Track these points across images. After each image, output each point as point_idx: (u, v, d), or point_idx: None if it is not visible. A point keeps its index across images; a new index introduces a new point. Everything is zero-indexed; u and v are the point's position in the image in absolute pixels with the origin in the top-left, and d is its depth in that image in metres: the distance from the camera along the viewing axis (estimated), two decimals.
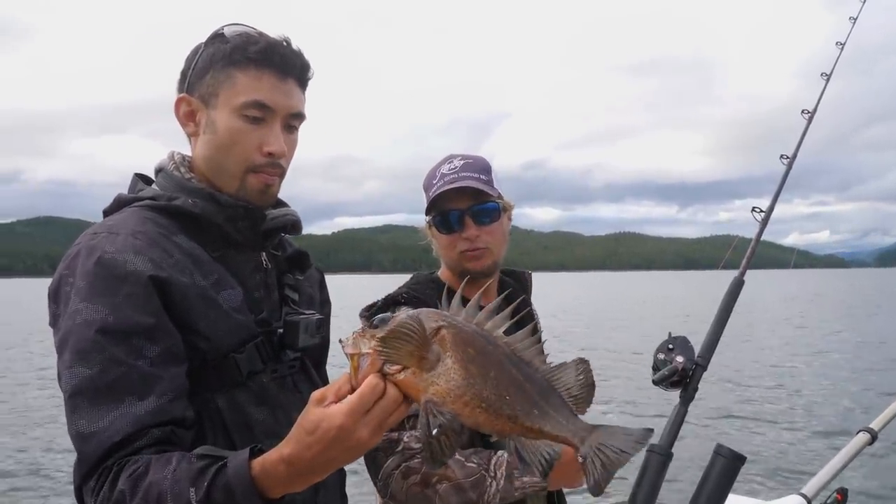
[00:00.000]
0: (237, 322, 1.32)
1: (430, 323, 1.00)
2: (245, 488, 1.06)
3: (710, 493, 1.61)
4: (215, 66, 1.35)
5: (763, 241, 1.93)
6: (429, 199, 1.88)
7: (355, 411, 1.00)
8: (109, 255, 1.22)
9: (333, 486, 1.52)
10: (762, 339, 20.56)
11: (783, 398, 11.86)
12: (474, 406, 1.00)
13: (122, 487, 1.11)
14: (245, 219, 1.38)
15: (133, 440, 1.14)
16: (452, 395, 0.99)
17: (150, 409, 1.17)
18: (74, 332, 1.19)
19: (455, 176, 1.86)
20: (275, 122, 1.36)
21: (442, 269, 2.01)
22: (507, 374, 1.01)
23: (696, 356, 1.75)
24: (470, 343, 1.01)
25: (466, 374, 0.99)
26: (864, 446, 1.85)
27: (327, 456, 1.03)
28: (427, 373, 0.99)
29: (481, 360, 1.00)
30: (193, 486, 1.08)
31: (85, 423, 1.15)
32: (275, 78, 1.35)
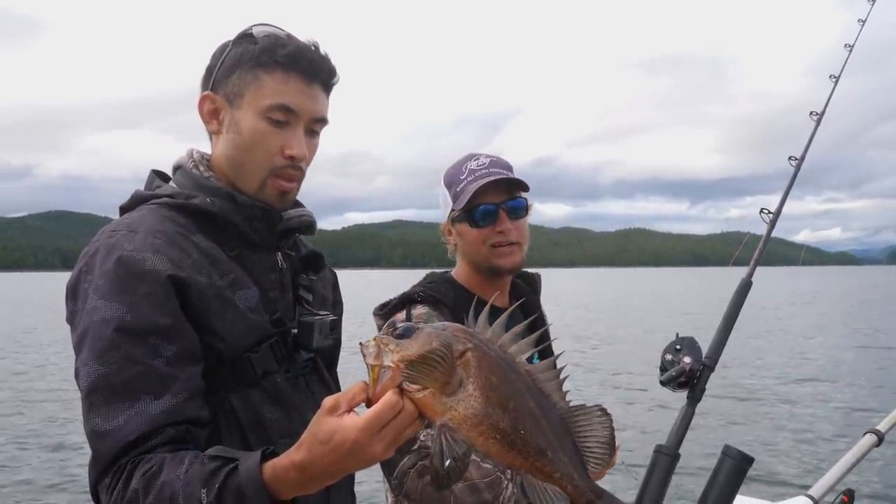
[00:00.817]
0: (253, 322, 1.33)
1: (456, 344, 0.98)
2: (256, 492, 1.06)
3: (719, 494, 1.61)
4: (242, 67, 1.35)
5: (774, 238, 1.94)
6: (457, 195, 1.89)
7: (371, 427, 0.99)
8: (128, 253, 1.23)
9: (344, 486, 1.53)
10: (770, 339, 20.45)
11: (790, 399, 11.80)
12: (489, 436, 0.98)
13: (136, 486, 1.12)
14: (262, 219, 1.39)
15: (148, 438, 1.15)
16: (469, 422, 0.97)
17: (165, 408, 1.17)
18: (92, 330, 1.20)
19: (486, 171, 1.88)
20: (298, 126, 1.37)
21: (458, 268, 2.00)
22: (526, 408, 0.99)
23: (703, 357, 1.75)
24: (493, 370, 0.98)
25: (486, 402, 0.97)
26: (870, 448, 1.85)
27: (339, 466, 1.04)
28: (447, 397, 0.97)
29: (503, 390, 0.98)
30: (205, 487, 1.09)
31: (100, 421, 1.16)
32: (301, 82, 1.35)
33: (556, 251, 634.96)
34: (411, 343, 0.98)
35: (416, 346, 0.97)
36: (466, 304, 1.86)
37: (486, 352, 0.99)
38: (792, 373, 14.56)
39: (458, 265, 2.00)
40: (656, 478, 1.67)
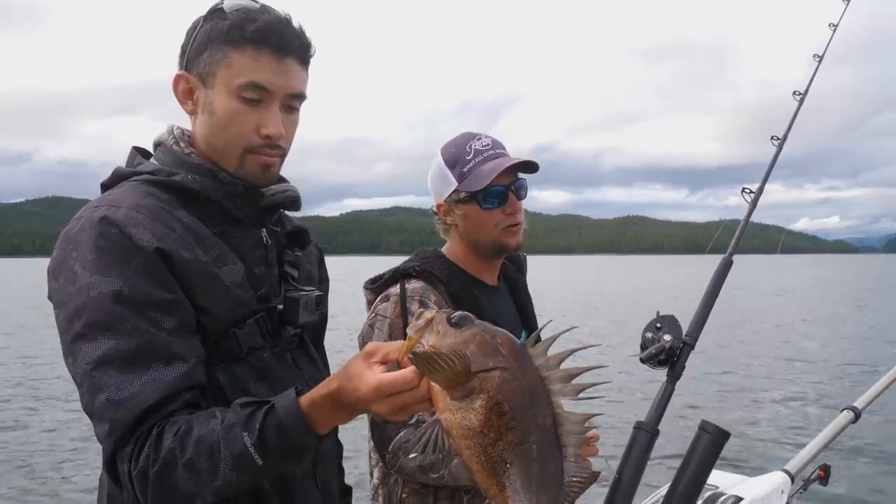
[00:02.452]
0: (238, 298, 1.32)
1: (488, 359, 0.97)
2: (297, 424, 1.10)
3: (695, 468, 1.64)
4: (212, 45, 1.32)
5: (771, 226, 1.94)
6: (463, 175, 1.88)
7: (381, 391, 1.04)
8: (116, 228, 1.22)
9: (331, 460, 1.55)
10: (751, 321, 20.64)
11: (769, 377, 11.99)
12: (473, 454, 0.98)
13: (171, 445, 1.12)
14: (244, 196, 1.38)
15: (166, 403, 1.16)
16: (459, 431, 0.98)
17: (178, 373, 1.18)
18: (90, 306, 1.19)
19: (493, 152, 1.89)
20: (273, 104, 1.34)
21: (451, 246, 1.99)
22: (524, 446, 0.98)
23: (683, 335, 1.78)
24: (511, 399, 0.97)
25: (485, 423, 0.97)
26: (847, 424, 1.87)
27: (359, 405, 1.09)
28: (452, 399, 0.98)
29: (508, 420, 0.97)
30: (246, 430, 1.11)
31: (114, 391, 1.15)
32: (272, 58, 1.32)
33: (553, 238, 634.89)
34: (452, 336, 0.99)
35: (448, 342, 0.98)
36: (460, 280, 1.89)
37: (516, 378, 0.98)
38: (772, 352, 14.78)
39: (452, 244, 1.99)
40: (636, 453, 1.70)
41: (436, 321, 1.00)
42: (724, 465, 1.74)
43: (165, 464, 1.12)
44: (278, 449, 1.11)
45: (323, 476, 1.47)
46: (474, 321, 1.00)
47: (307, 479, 1.41)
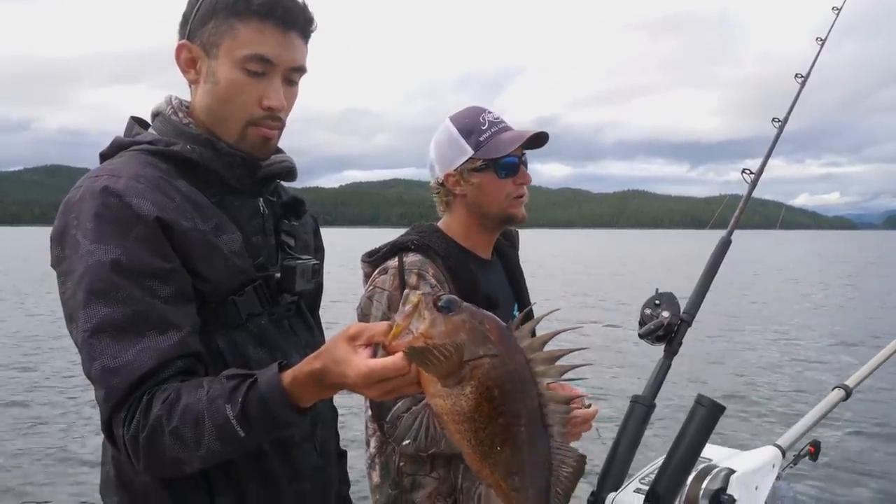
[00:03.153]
0: (237, 266, 1.35)
1: (480, 347, 0.98)
2: (278, 398, 1.13)
3: (690, 441, 1.67)
4: (218, 15, 1.34)
5: (771, 201, 1.97)
6: (479, 144, 1.91)
7: (371, 378, 1.04)
8: (115, 197, 1.24)
9: (329, 422, 1.59)
10: (748, 298, 20.74)
11: (764, 355, 12.10)
12: (464, 438, 1.00)
13: (159, 413, 1.16)
14: (242, 166, 1.40)
15: (159, 371, 1.19)
16: (450, 416, 0.99)
17: (173, 341, 1.21)
18: (89, 273, 1.21)
19: (505, 125, 1.96)
20: (275, 76, 1.36)
21: (451, 219, 2.01)
22: (514, 429, 1.00)
23: (681, 312, 1.81)
24: (500, 384, 0.98)
25: (475, 408, 0.98)
26: (838, 402, 1.91)
27: (336, 384, 1.10)
28: (443, 387, 0.99)
29: (498, 404, 0.98)
30: (229, 402, 1.14)
31: (109, 358, 1.19)
32: (277, 31, 1.34)
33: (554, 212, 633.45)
34: (442, 324, 0.99)
35: (440, 330, 0.98)
36: (457, 254, 1.92)
37: (504, 363, 0.99)
38: (767, 330, 14.87)
39: (452, 217, 2.01)
40: (632, 426, 1.74)
41: (422, 306, 1.00)
42: (718, 439, 1.78)
43: (153, 430, 1.16)
44: (260, 422, 1.14)
45: (321, 437, 1.51)
46: (461, 305, 1.01)
47: (306, 440, 1.46)
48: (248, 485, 1.34)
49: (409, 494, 1.88)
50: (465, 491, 1.86)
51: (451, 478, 1.86)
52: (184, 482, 1.29)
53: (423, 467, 1.87)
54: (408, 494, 1.88)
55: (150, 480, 1.30)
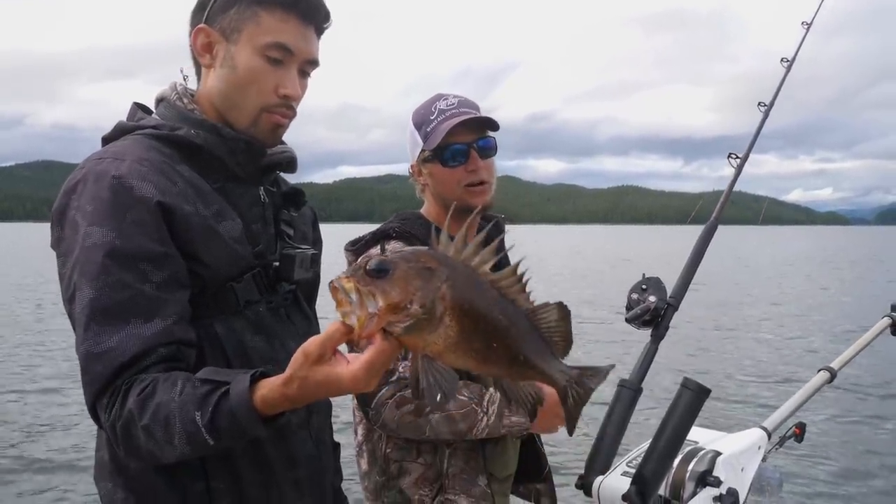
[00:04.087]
0: (236, 252, 1.36)
1: (433, 281, 0.99)
2: (247, 414, 1.12)
3: (676, 424, 1.68)
4: (241, 3, 1.36)
5: (764, 197, 1.98)
6: (427, 135, 1.90)
7: (367, 375, 1.04)
8: (116, 179, 1.24)
9: (324, 412, 1.60)
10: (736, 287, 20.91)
11: (751, 338, 12.25)
12: (466, 357, 1.03)
13: (132, 407, 1.16)
14: (246, 152, 1.41)
15: (141, 359, 1.19)
16: (448, 350, 1.01)
17: (156, 330, 1.21)
18: (83, 255, 1.22)
19: (456, 111, 1.89)
20: (293, 66, 1.39)
21: (427, 207, 2.03)
22: (495, 322, 1.03)
23: (668, 296, 1.82)
24: (465, 297, 1.01)
25: (461, 330, 1.00)
26: (823, 384, 1.93)
27: (330, 396, 1.12)
28: (430, 335, 1.00)
29: (474, 312, 1.01)
30: (199, 410, 1.13)
31: (93, 344, 1.19)
32: (299, 23, 1.38)
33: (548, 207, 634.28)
34: (391, 287, 0.96)
35: (397, 293, 0.97)
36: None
37: (456, 277, 1.01)
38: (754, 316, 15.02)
39: (427, 204, 2.03)
40: (619, 410, 1.74)
41: (362, 285, 0.97)
42: (704, 422, 1.80)
43: (126, 423, 1.17)
44: (228, 433, 1.14)
45: (317, 425, 1.52)
46: (389, 259, 0.99)
47: (302, 428, 1.47)
48: (244, 471, 1.35)
49: (396, 480, 1.89)
50: (450, 476, 1.87)
51: (438, 463, 1.87)
52: (179, 468, 1.29)
53: (410, 453, 1.88)
54: (395, 480, 1.89)
55: (145, 466, 1.31)
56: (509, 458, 1.97)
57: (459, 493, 1.87)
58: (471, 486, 1.88)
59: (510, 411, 1.83)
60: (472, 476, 1.89)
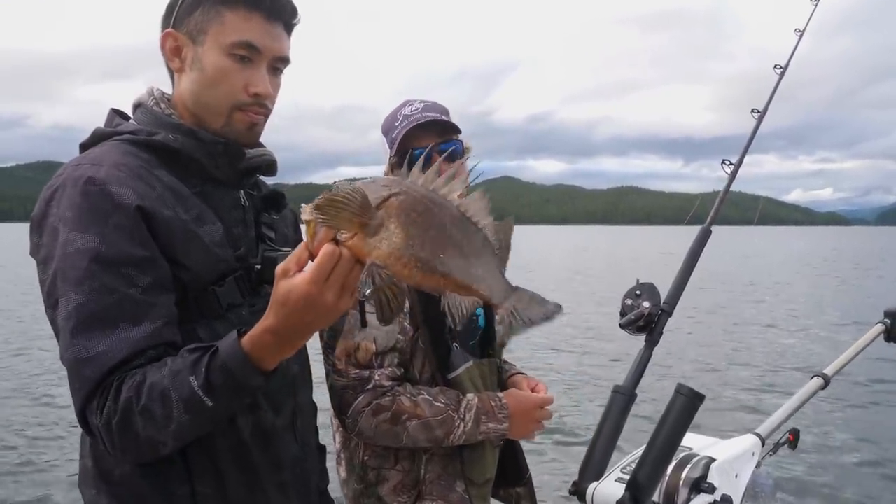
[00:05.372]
0: (218, 256, 1.36)
1: (380, 191, 1.04)
2: (240, 363, 1.14)
3: (670, 430, 1.68)
4: (205, 4, 1.36)
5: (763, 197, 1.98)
6: (392, 141, 1.89)
7: (317, 279, 1.07)
8: (95, 185, 1.24)
9: (309, 415, 1.60)
10: (730, 290, 20.89)
11: (744, 344, 12.24)
12: (412, 266, 1.05)
13: (128, 395, 1.17)
14: (224, 155, 1.41)
15: (131, 361, 1.20)
16: (392, 257, 1.04)
17: (145, 333, 1.22)
18: (67, 262, 1.22)
19: (419, 116, 1.88)
20: (261, 64, 1.39)
21: None
22: (445, 235, 1.07)
23: (662, 302, 1.82)
24: (415, 207, 1.05)
25: (406, 236, 1.04)
26: (816, 390, 1.93)
27: (305, 321, 1.12)
28: (371, 238, 1.04)
29: (422, 222, 1.05)
30: (192, 374, 1.15)
31: (81, 349, 1.19)
32: (263, 20, 1.38)
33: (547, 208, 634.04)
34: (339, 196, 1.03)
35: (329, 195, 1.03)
36: None
37: (411, 192, 1.06)
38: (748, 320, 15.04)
39: None
40: (613, 416, 1.74)
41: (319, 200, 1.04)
42: (699, 429, 1.80)
43: (124, 413, 1.17)
44: (225, 389, 1.16)
45: (301, 428, 1.52)
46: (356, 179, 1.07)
47: (286, 430, 1.46)
48: (229, 475, 1.35)
49: (375, 488, 1.89)
50: (428, 482, 1.87)
51: (415, 469, 1.87)
52: (163, 471, 1.29)
53: (388, 460, 1.87)
54: (373, 488, 1.89)
55: (130, 471, 1.30)
56: (487, 463, 1.97)
57: (437, 499, 1.87)
58: (448, 491, 1.88)
59: (487, 417, 1.83)
60: (449, 481, 1.89)
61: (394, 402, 1.77)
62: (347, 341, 1.78)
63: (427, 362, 1.86)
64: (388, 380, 1.79)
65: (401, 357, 1.83)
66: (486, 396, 1.88)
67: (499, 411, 1.86)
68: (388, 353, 1.81)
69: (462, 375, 1.87)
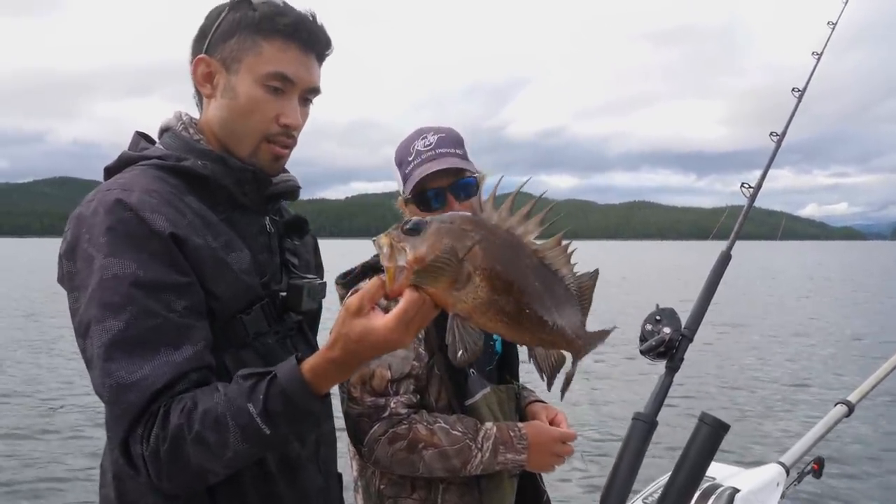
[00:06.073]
0: (246, 284, 1.34)
1: (465, 240, 1.04)
2: (301, 390, 1.13)
3: (695, 460, 1.65)
4: (241, 33, 1.35)
5: (778, 212, 1.96)
6: (405, 177, 1.86)
7: (401, 326, 1.07)
8: (128, 211, 1.23)
9: (332, 444, 1.57)
10: (750, 311, 20.63)
11: (767, 370, 12.04)
12: (497, 320, 1.05)
13: (179, 422, 1.14)
14: (252, 182, 1.41)
15: (174, 385, 1.17)
16: (478, 311, 1.04)
17: (187, 356, 1.20)
18: (104, 287, 1.20)
19: (433, 153, 1.85)
20: (293, 95, 1.38)
21: None
22: (529, 288, 1.06)
23: (682, 327, 1.79)
24: (498, 258, 1.05)
25: (492, 291, 1.04)
26: (841, 418, 1.90)
27: (370, 357, 1.14)
28: (457, 291, 1.04)
29: (507, 275, 1.05)
30: (250, 400, 1.13)
31: (124, 374, 1.17)
32: (299, 52, 1.37)
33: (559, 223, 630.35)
34: (422, 243, 1.03)
35: (425, 247, 1.02)
36: None
37: (492, 241, 1.05)
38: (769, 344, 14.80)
39: None
40: (633, 444, 1.71)
41: (395, 241, 1.05)
42: (720, 456, 1.76)
43: (174, 441, 1.14)
44: (284, 416, 1.14)
45: (325, 458, 1.51)
46: (427, 220, 1.06)
47: (310, 461, 1.45)
48: None
49: None
50: None
51: (432, 499, 1.83)
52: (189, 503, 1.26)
53: (404, 489, 1.84)
54: None
55: (154, 502, 1.27)
56: (505, 493, 1.93)
57: None
58: None
59: (505, 448, 1.80)
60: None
61: (410, 431, 1.75)
62: (362, 368, 1.77)
63: (443, 389, 1.83)
64: (403, 407, 1.77)
65: (416, 383, 1.81)
66: (505, 426, 1.84)
67: (517, 442, 1.82)
68: (403, 379, 1.78)
69: (479, 402, 1.84)
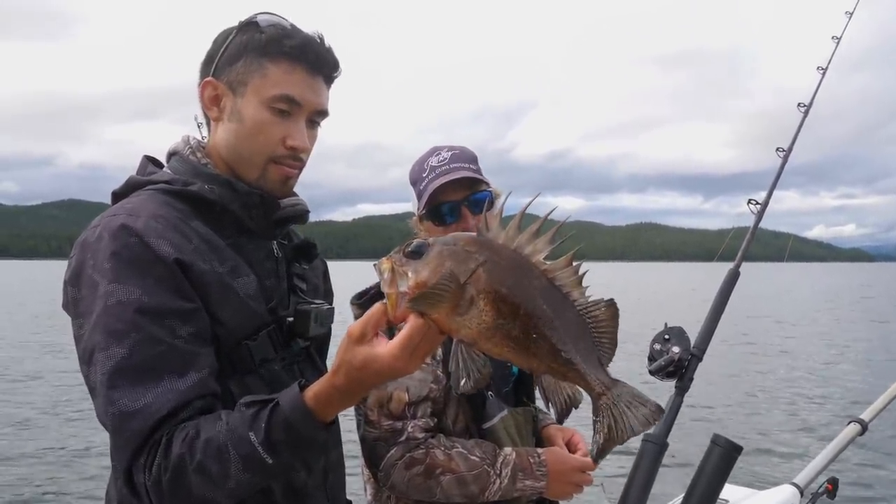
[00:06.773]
0: (252, 310, 1.32)
1: (468, 263, 0.99)
2: (304, 418, 1.11)
3: (708, 481, 1.63)
4: (248, 56, 1.34)
5: (785, 233, 1.95)
6: (420, 193, 1.86)
7: (405, 353, 1.04)
8: (134, 237, 1.22)
9: (340, 471, 1.55)
10: (759, 331, 20.47)
11: (778, 389, 11.91)
12: (502, 345, 1.01)
13: (181, 451, 1.12)
14: (260, 206, 1.39)
15: (178, 413, 1.15)
16: (482, 337, 1.00)
17: (191, 383, 1.18)
18: (108, 314, 1.18)
19: (447, 167, 1.85)
20: (300, 117, 1.37)
21: None
22: (537, 311, 1.00)
23: (691, 347, 1.78)
24: (504, 281, 1.00)
25: (497, 315, 0.99)
26: (854, 437, 1.87)
27: (377, 383, 1.11)
28: (460, 316, 1.00)
29: (513, 298, 1.00)
30: (252, 429, 1.11)
31: (128, 402, 1.15)
32: (306, 74, 1.36)
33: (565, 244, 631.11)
34: (424, 267, 1.00)
35: (427, 272, 0.99)
36: None
37: (498, 262, 1.00)
38: (779, 363, 14.67)
39: None
40: (644, 466, 1.69)
41: (397, 265, 1.02)
42: (732, 477, 1.73)
43: (176, 471, 1.12)
44: (287, 445, 1.12)
45: (332, 485, 1.48)
46: (429, 242, 1.02)
47: (318, 489, 1.42)
48: None
49: None
50: None
51: None
52: None
53: None
54: None
55: None
56: None
57: None
58: None
59: (524, 474, 1.77)
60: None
61: (427, 456, 1.72)
62: (380, 391, 1.74)
63: (461, 412, 1.81)
64: (421, 431, 1.74)
65: (434, 406, 1.78)
66: (525, 452, 1.81)
67: (537, 469, 1.78)
68: (421, 402, 1.75)
69: (497, 425, 1.81)
